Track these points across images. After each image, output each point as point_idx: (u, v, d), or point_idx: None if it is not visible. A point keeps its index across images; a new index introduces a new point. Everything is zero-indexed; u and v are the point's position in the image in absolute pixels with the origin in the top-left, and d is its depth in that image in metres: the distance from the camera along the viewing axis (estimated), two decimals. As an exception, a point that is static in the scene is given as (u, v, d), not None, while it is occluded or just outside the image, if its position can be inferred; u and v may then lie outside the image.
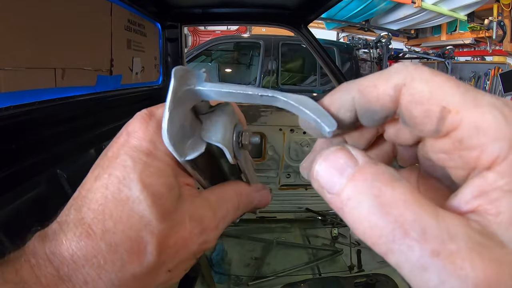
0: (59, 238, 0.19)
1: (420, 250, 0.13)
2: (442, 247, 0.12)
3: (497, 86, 5.82)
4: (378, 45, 5.55)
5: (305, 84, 4.67)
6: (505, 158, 0.14)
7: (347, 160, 0.15)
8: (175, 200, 0.21)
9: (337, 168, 0.15)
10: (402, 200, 0.13)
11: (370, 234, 0.14)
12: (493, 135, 0.14)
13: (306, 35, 1.85)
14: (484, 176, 0.14)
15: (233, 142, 0.24)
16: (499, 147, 0.14)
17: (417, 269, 0.13)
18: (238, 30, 6.51)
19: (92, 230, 0.19)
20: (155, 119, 0.23)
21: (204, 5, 1.76)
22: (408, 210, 0.13)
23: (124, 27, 1.25)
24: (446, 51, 5.76)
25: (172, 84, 0.21)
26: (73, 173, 0.91)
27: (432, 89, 0.15)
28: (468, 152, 0.14)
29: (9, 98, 0.70)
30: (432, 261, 0.12)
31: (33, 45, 0.76)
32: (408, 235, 0.13)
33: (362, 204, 0.14)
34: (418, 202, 0.13)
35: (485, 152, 0.14)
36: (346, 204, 0.15)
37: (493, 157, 0.14)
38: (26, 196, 0.74)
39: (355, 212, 0.14)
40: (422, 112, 0.15)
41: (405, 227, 0.13)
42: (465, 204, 0.14)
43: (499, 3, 5.01)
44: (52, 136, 0.88)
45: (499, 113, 0.14)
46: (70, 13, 0.90)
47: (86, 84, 1.02)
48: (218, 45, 4.62)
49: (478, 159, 0.14)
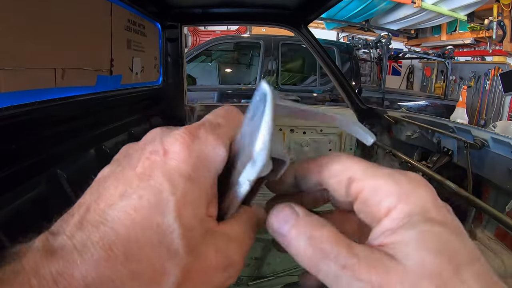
0: (72, 258, 0.17)
1: (334, 266, 0.19)
2: (348, 263, 0.19)
3: (497, 86, 5.82)
4: (378, 45, 5.55)
5: (305, 84, 4.67)
6: (395, 207, 0.20)
7: (290, 214, 0.22)
8: (204, 233, 0.20)
9: (284, 220, 0.22)
10: (325, 237, 0.20)
11: (306, 261, 0.21)
12: (385, 193, 0.21)
13: (306, 35, 1.85)
14: (382, 223, 0.21)
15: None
16: (389, 201, 0.21)
17: (334, 278, 0.19)
18: (238, 30, 6.51)
19: (113, 253, 0.17)
20: (199, 141, 0.21)
21: (204, 5, 1.77)
22: (328, 244, 0.20)
23: (124, 27, 1.25)
24: (446, 51, 5.75)
25: (270, 99, 0.21)
26: (73, 173, 0.91)
27: (343, 167, 0.23)
28: (371, 208, 0.21)
29: (9, 98, 0.70)
30: (341, 272, 0.19)
31: (33, 45, 0.76)
32: (327, 258, 0.20)
33: (300, 242, 0.21)
34: (336, 238, 0.20)
35: (381, 205, 0.21)
36: (290, 243, 0.21)
37: (386, 208, 0.21)
38: (26, 196, 0.74)
39: (296, 247, 0.21)
40: (336, 182, 0.23)
41: (325, 253, 0.20)
42: (374, 241, 0.21)
43: (499, 3, 5.02)
44: (52, 136, 0.88)
45: (390, 179, 0.21)
46: (70, 13, 0.90)
47: (86, 84, 1.02)
48: (218, 45, 4.62)
49: (378, 211, 0.21)
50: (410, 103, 5.11)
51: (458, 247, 0.19)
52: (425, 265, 0.18)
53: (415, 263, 0.18)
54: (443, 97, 5.73)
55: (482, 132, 1.33)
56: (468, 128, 1.41)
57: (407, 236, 0.19)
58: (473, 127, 1.40)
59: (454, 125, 1.49)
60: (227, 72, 4.83)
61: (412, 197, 0.21)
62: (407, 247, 0.19)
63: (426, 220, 0.20)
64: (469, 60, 6.68)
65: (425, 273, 0.18)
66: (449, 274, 0.18)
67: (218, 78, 4.74)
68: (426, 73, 7.74)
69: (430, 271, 0.18)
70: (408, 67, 7.72)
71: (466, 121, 4.96)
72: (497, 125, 3.76)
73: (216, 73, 4.72)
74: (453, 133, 1.46)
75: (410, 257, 0.19)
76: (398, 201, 0.20)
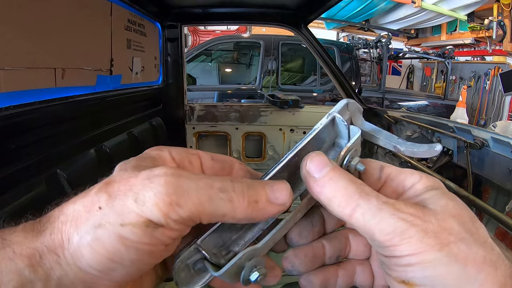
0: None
1: (377, 201, 0.23)
2: (389, 200, 0.23)
3: (497, 86, 5.82)
4: (378, 45, 5.55)
5: (305, 84, 4.67)
6: (418, 182, 0.26)
7: (327, 160, 0.25)
8: None
9: (322, 163, 0.25)
10: (364, 183, 0.24)
11: (342, 199, 0.23)
12: (409, 173, 0.27)
13: (306, 35, 1.85)
14: (407, 192, 0.26)
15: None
16: (413, 178, 0.26)
17: (376, 211, 0.23)
18: (238, 30, 6.51)
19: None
20: None
21: (204, 5, 1.76)
22: (367, 187, 0.24)
23: (124, 27, 1.25)
24: (446, 51, 5.75)
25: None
26: (73, 173, 0.91)
27: (374, 160, 0.28)
28: (398, 185, 0.27)
29: (9, 98, 0.70)
30: (384, 205, 0.23)
31: (33, 45, 0.76)
32: (369, 195, 0.23)
33: (341, 181, 0.24)
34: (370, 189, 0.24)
35: (406, 182, 0.26)
36: (327, 184, 0.24)
37: (411, 183, 0.26)
38: (26, 196, 0.74)
39: (335, 188, 0.24)
40: (371, 168, 0.28)
41: (367, 192, 0.24)
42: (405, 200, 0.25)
43: (499, 3, 5.01)
44: (52, 136, 0.88)
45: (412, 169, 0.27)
46: (70, 13, 0.90)
47: (86, 84, 1.02)
48: (218, 45, 4.61)
49: (404, 187, 0.27)
50: (410, 103, 5.11)
51: (467, 208, 0.24)
52: (449, 208, 0.23)
53: (441, 206, 0.23)
54: (443, 97, 5.73)
55: (482, 132, 1.33)
56: (468, 128, 1.41)
57: (432, 193, 0.25)
58: (473, 127, 1.40)
59: (454, 125, 1.49)
60: (227, 72, 4.83)
61: (430, 178, 0.26)
62: (432, 199, 0.24)
63: (443, 190, 0.25)
64: (469, 60, 6.67)
65: (450, 212, 0.23)
66: (466, 218, 0.23)
67: (218, 78, 4.74)
68: (426, 73, 7.74)
69: (454, 212, 0.23)
70: (408, 67, 7.72)
71: (466, 121, 4.96)
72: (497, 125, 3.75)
73: (216, 73, 4.72)
74: (453, 133, 1.46)
75: (436, 203, 0.24)
76: (420, 178, 0.26)
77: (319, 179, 0.24)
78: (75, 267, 0.20)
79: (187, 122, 1.97)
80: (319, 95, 4.41)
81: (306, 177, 0.25)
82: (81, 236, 0.20)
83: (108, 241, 0.19)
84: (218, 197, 0.21)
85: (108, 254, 0.19)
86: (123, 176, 0.21)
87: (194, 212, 0.20)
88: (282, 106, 2.00)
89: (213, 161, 0.27)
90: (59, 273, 0.20)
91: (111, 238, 0.19)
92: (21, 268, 0.19)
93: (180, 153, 0.25)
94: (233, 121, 2.01)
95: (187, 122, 1.97)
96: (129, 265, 0.20)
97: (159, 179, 0.20)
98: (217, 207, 0.21)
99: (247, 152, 2.13)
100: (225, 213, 0.21)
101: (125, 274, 0.21)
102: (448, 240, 0.21)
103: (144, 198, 0.20)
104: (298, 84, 4.63)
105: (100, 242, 0.19)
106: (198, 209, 0.20)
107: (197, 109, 1.98)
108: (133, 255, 0.20)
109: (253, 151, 2.18)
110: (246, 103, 2.17)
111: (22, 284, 0.19)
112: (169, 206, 0.20)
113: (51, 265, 0.20)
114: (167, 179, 0.20)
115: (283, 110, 2.02)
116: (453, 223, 0.22)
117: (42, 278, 0.19)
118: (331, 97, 4.35)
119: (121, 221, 0.19)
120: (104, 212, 0.20)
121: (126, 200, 0.20)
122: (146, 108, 1.62)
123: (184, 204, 0.20)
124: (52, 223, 0.21)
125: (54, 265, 0.20)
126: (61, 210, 0.21)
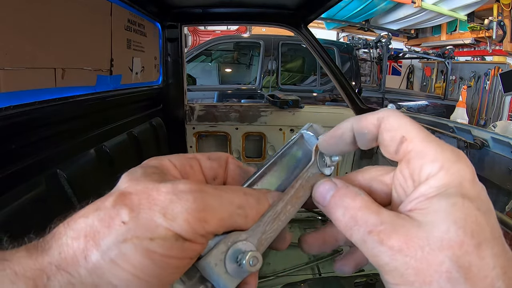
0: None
1: (362, 231, 0.22)
2: (374, 229, 0.22)
3: (497, 86, 5.82)
4: (378, 45, 5.55)
5: (305, 84, 4.67)
6: (435, 175, 0.22)
7: (330, 186, 0.26)
8: None
9: (324, 191, 0.26)
10: (358, 207, 0.24)
11: (342, 227, 0.24)
12: (430, 159, 0.22)
13: (306, 35, 1.85)
14: (419, 188, 0.22)
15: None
16: (431, 167, 0.22)
17: (362, 242, 0.22)
18: (238, 30, 6.51)
19: None
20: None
21: (204, 5, 1.76)
22: (359, 211, 0.23)
23: (124, 27, 1.25)
24: (446, 51, 5.76)
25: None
26: (73, 173, 0.91)
27: (399, 124, 0.24)
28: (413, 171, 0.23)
29: (9, 98, 0.70)
30: (368, 236, 0.22)
31: (33, 45, 0.76)
32: (357, 224, 0.23)
33: (338, 211, 0.25)
34: (367, 207, 0.23)
35: (422, 171, 0.22)
36: (330, 212, 0.25)
37: (426, 174, 0.22)
38: (26, 196, 0.74)
39: (335, 216, 0.25)
40: (389, 137, 0.24)
41: (356, 220, 0.23)
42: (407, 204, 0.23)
43: (499, 3, 5.01)
44: (52, 136, 0.88)
45: (439, 146, 0.23)
46: (70, 13, 0.90)
47: (86, 84, 1.02)
48: (218, 45, 4.61)
49: (418, 176, 0.23)
50: (410, 103, 5.11)
51: (482, 224, 0.20)
52: (449, 235, 0.20)
53: (440, 232, 0.20)
54: (443, 97, 5.73)
55: (482, 132, 1.33)
56: (468, 128, 1.41)
57: (438, 205, 0.21)
58: (473, 127, 1.40)
59: (454, 125, 1.49)
60: (227, 72, 4.83)
61: (453, 169, 0.22)
62: (436, 215, 0.21)
63: (460, 194, 0.21)
64: (469, 60, 6.67)
65: (447, 242, 0.20)
66: (470, 247, 0.19)
67: (218, 78, 4.74)
68: (426, 73, 7.74)
69: (452, 241, 0.19)
70: (408, 67, 7.72)
71: (466, 121, 4.96)
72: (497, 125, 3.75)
73: (216, 73, 4.72)
74: (453, 133, 1.46)
75: (437, 225, 0.20)
76: (439, 169, 0.22)
77: (326, 207, 0.26)
78: (91, 286, 0.19)
79: (187, 122, 1.97)
80: (319, 95, 4.41)
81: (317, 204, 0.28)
82: (102, 252, 0.19)
83: (135, 256, 0.19)
84: (236, 213, 0.23)
85: (134, 270, 0.19)
86: (138, 188, 0.21)
87: (217, 227, 0.22)
88: (282, 106, 2.00)
89: (210, 160, 0.28)
90: None
91: (138, 253, 0.19)
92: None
93: (179, 159, 0.26)
94: (233, 121, 2.01)
95: (187, 122, 1.97)
96: (153, 281, 0.19)
97: (187, 196, 0.21)
98: (235, 222, 0.23)
99: (247, 152, 2.13)
100: (239, 225, 0.24)
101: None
102: (431, 279, 0.19)
103: (173, 213, 0.20)
104: (298, 84, 4.63)
105: (125, 258, 0.19)
106: (220, 224, 0.22)
107: (197, 109, 1.98)
108: (160, 269, 0.19)
109: (253, 151, 2.18)
110: (246, 103, 2.17)
111: None
112: (199, 223, 0.20)
113: (62, 286, 0.18)
114: (196, 196, 0.21)
115: (283, 110, 2.02)
116: (444, 258, 0.19)
117: None
118: (331, 97, 4.35)
119: (150, 235, 0.19)
120: (129, 227, 0.19)
121: (153, 214, 0.20)
122: (146, 108, 1.62)
123: (210, 220, 0.21)
124: (58, 240, 0.20)
125: (65, 286, 0.18)
126: (68, 226, 0.20)
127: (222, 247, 0.23)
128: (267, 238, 0.26)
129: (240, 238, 0.24)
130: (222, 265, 0.23)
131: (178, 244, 0.20)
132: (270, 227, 0.26)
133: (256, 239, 0.25)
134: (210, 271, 0.23)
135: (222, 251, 0.23)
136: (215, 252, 0.23)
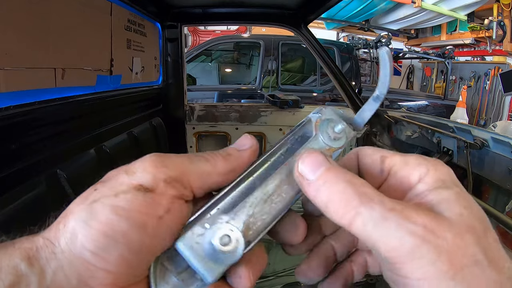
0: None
1: (381, 208, 0.20)
2: (396, 207, 0.20)
3: (497, 86, 5.82)
4: (378, 45, 5.55)
5: (305, 84, 4.67)
6: (426, 174, 0.22)
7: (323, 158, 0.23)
8: None
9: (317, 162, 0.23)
10: (366, 183, 0.21)
11: (341, 206, 0.21)
12: (415, 165, 0.23)
13: (306, 35, 1.85)
14: (415, 187, 0.23)
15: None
16: (420, 170, 0.23)
17: (380, 221, 0.19)
18: (238, 30, 6.50)
19: None
20: None
21: (204, 5, 1.76)
22: (369, 189, 0.21)
23: (124, 27, 1.25)
24: (446, 51, 5.75)
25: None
26: (73, 173, 0.91)
27: (374, 150, 0.26)
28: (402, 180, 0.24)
29: (9, 98, 0.70)
30: (390, 213, 0.20)
31: (33, 45, 0.76)
32: (371, 201, 0.20)
33: (338, 183, 0.21)
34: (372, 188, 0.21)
35: (412, 175, 0.23)
36: (322, 187, 0.22)
37: (418, 176, 0.23)
38: (26, 196, 0.74)
39: (330, 192, 0.21)
40: (371, 161, 0.25)
41: (369, 196, 0.20)
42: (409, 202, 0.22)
43: (499, 3, 5.01)
44: (52, 136, 0.88)
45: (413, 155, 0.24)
46: (70, 13, 0.90)
47: (86, 84, 1.02)
48: (218, 45, 4.61)
49: (409, 181, 0.23)
50: (410, 103, 5.10)
51: (482, 212, 0.21)
52: (465, 219, 0.20)
53: (457, 216, 0.20)
54: (443, 97, 5.72)
55: (482, 132, 1.33)
56: (468, 128, 1.41)
57: (445, 194, 0.21)
58: (473, 127, 1.40)
59: (454, 125, 1.49)
60: (227, 72, 4.83)
61: (438, 168, 0.23)
62: (447, 203, 0.21)
63: (456, 186, 0.22)
64: (469, 60, 6.67)
65: (465, 225, 0.20)
66: (480, 232, 0.20)
67: (218, 78, 4.74)
68: (426, 73, 7.74)
69: (469, 225, 0.20)
70: (408, 67, 7.72)
71: (466, 121, 4.96)
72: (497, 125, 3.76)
73: (216, 73, 4.72)
74: (453, 133, 1.46)
75: (452, 210, 0.20)
76: (428, 170, 0.23)
77: (313, 182, 0.22)
78: (69, 254, 0.20)
79: (187, 122, 1.97)
80: (319, 95, 4.41)
81: (299, 179, 0.23)
82: (77, 216, 0.20)
83: (103, 213, 0.20)
84: (196, 159, 0.24)
85: (102, 227, 0.20)
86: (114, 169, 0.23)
87: (180, 171, 0.22)
88: (282, 106, 2.00)
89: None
90: (54, 265, 0.19)
91: (105, 210, 0.20)
92: (18, 263, 0.19)
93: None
94: (233, 121, 2.01)
95: (187, 122, 1.97)
96: (122, 242, 0.20)
97: (149, 156, 0.23)
98: (198, 166, 0.23)
99: (247, 152, 2.13)
100: (208, 171, 0.23)
101: (118, 257, 0.20)
102: (462, 264, 0.19)
103: (134, 169, 0.22)
104: (298, 84, 4.63)
105: (95, 217, 0.20)
106: (182, 169, 0.22)
107: (197, 109, 1.98)
108: (128, 226, 0.20)
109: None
110: (246, 103, 2.17)
111: (18, 279, 0.19)
112: (156, 168, 0.22)
113: (47, 256, 0.20)
114: (153, 156, 0.23)
115: (283, 110, 2.02)
116: (468, 241, 0.19)
117: (37, 273, 0.19)
118: (331, 97, 4.35)
119: (115, 192, 0.21)
120: (99, 191, 0.21)
121: (118, 176, 0.22)
122: (146, 108, 1.62)
123: (169, 165, 0.22)
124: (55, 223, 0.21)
125: (49, 256, 0.20)
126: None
127: (198, 229, 0.22)
128: (258, 222, 0.23)
129: (219, 220, 0.22)
130: (201, 249, 0.22)
131: (140, 195, 0.21)
132: (260, 209, 0.23)
133: (241, 222, 0.23)
134: (187, 253, 0.21)
135: (198, 233, 0.22)
136: (190, 234, 0.22)
